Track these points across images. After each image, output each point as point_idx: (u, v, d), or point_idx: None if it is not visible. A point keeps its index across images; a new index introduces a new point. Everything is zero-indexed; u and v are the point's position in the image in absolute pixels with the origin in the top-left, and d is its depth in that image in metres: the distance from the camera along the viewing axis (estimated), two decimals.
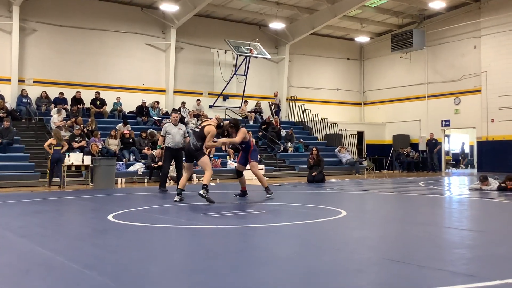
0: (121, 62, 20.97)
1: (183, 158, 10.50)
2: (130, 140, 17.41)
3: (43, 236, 5.91)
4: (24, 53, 18.89)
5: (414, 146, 24.91)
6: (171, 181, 14.93)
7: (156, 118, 20.05)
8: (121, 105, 20.08)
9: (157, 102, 20.71)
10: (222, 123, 9.65)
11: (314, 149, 16.07)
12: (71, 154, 14.57)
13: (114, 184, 13.94)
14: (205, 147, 9.34)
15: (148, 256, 4.66)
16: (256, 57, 22.29)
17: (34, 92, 18.79)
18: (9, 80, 18.40)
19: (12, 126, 16.19)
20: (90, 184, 14.27)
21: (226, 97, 23.20)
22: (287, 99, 25.16)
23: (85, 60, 20.15)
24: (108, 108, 19.80)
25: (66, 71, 19.71)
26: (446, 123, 24.10)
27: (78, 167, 14.47)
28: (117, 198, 10.92)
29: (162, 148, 12.05)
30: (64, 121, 17.26)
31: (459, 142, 31.08)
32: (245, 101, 23.23)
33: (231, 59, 23.24)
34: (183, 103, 21.43)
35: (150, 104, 20.52)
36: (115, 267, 4.21)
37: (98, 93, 19.66)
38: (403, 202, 9.91)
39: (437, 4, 22.02)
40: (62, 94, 18.90)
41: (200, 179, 16.45)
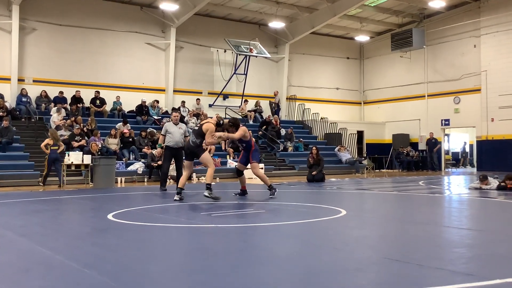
0: (120, 61, 20.97)
1: (183, 157, 10.51)
2: (130, 139, 17.41)
3: (43, 235, 5.91)
4: (23, 52, 18.88)
5: (414, 145, 24.91)
6: (171, 180, 14.92)
7: (155, 117, 20.04)
8: (121, 104, 20.08)
9: (156, 101, 20.71)
10: (222, 121, 9.71)
11: (314, 148, 16.08)
12: (71, 153, 14.59)
13: (114, 183, 13.93)
14: (205, 144, 9.37)
15: (148, 255, 4.66)
16: (256, 56, 22.29)
17: (33, 91, 18.79)
18: (8, 79, 18.40)
19: (11, 125, 16.20)
20: (90, 183, 14.28)
21: (226, 96, 23.19)
22: (287, 98, 25.15)
23: (84, 59, 20.15)
24: (108, 107, 19.80)
25: (65, 70, 19.71)
26: (446, 122, 24.10)
27: (78, 166, 14.49)
28: (117, 197, 10.92)
29: (163, 147, 12.05)
30: (64, 120, 17.27)
31: (460, 141, 31.04)
32: (245, 100, 23.23)
33: (231, 58, 23.23)
34: (183, 102, 21.42)
35: (150, 103, 20.51)
36: (115, 266, 4.20)
37: (98, 92, 19.66)
38: (403, 201, 9.91)
39: (437, 3, 22.01)
40: (61, 93, 18.89)
41: (199, 178, 16.47)
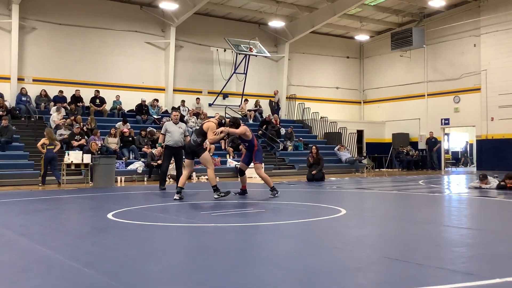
0: (120, 61, 20.96)
1: (183, 156, 10.52)
2: (130, 138, 17.41)
3: (43, 234, 5.91)
4: (23, 51, 18.88)
5: (414, 145, 24.92)
6: (171, 179, 14.93)
7: (155, 116, 20.04)
8: (120, 103, 20.08)
9: (156, 100, 20.68)
10: (223, 121, 9.75)
11: (314, 147, 16.08)
12: (71, 152, 14.58)
13: (113, 182, 13.93)
14: (208, 141, 9.41)
15: (147, 254, 4.66)
16: (255, 55, 22.28)
17: (33, 90, 18.78)
18: (8, 78, 18.39)
19: (11, 125, 16.20)
20: (90, 182, 14.27)
21: (225, 95, 23.19)
22: (287, 98, 25.15)
23: (84, 58, 20.14)
24: (107, 106, 19.80)
25: (65, 70, 19.71)
26: (446, 122, 24.10)
27: (77, 166, 14.48)
28: (116, 196, 10.92)
29: (162, 146, 12.05)
30: (63, 119, 17.26)
31: (462, 141, 31.00)
32: (245, 99, 23.23)
33: (231, 58, 23.22)
34: (183, 102, 21.42)
35: (150, 102, 20.51)
36: (115, 266, 4.20)
37: (97, 91, 19.65)
38: (403, 201, 9.91)
39: (437, 2, 22.01)
40: (61, 92, 18.89)
41: (199, 178, 16.47)
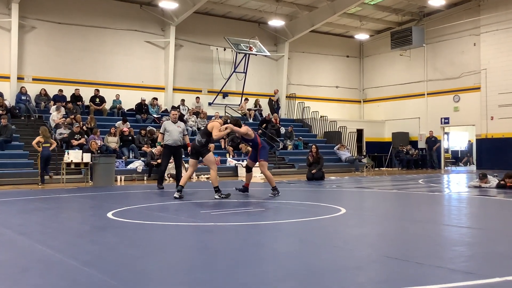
0: (120, 60, 20.95)
1: (182, 155, 10.54)
2: (130, 137, 17.40)
3: (43, 233, 5.91)
4: (23, 50, 18.87)
5: (414, 144, 24.91)
6: (171, 178, 14.93)
7: (155, 115, 20.03)
8: (120, 102, 20.07)
9: (155, 99, 20.66)
10: (228, 120, 9.80)
11: (314, 146, 16.09)
12: (71, 151, 14.57)
13: (113, 181, 13.92)
14: (213, 137, 9.44)
15: (147, 253, 4.66)
16: (255, 54, 22.26)
17: (33, 89, 18.78)
18: (8, 77, 18.38)
19: (10, 124, 16.19)
20: (90, 181, 14.27)
21: (225, 94, 23.18)
22: (287, 97, 25.15)
23: (84, 57, 20.13)
24: (107, 105, 19.79)
25: (65, 69, 19.70)
26: (446, 121, 24.10)
27: (77, 165, 14.46)
28: (116, 195, 10.91)
29: (162, 145, 12.05)
30: (63, 118, 17.25)
31: (464, 140, 30.95)
32: (245, 99, 23.23)
33: (231, 57, 23.21)
34: (183, 101, 21.41)
35: (150, 101, 20.51)
36: (115, 265, 4.21)
37: (97, 90, 19.64)
38: (403, 200, 9.91)
39: (436, 1, 22.01)
40: (61, 91, 18.88)
41: (199, 177, 16.46)
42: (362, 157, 23.64)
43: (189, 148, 12.82)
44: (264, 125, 21.80)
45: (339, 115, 26.14)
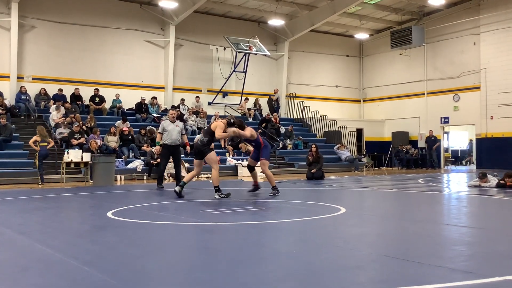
0: (120, 59, 20.94)
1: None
2: (129, 137, 17.40)
3: (42, 233, 5.91)
4: (23, 50, 18.86)
5: (413, 143, 24.91)
6: (171, 178, 14.93)
7: (155, 115, 20.02)
8: (120, 102, 20.06)
9: (154, 98, 20.64)
10: (232, 120, 9.77)
11: (314, 146, 16.09)
12: (70, 151, 14.57)
13: (113, 181, 13.92)
14: (216, 136, 9.45)
15: (147, 253, 4.66)
16: (255, 54, 22.25)
17: (33, 89, 18.77)
18: (8, 77, 18.38)
19: (10, 123, 16.18)
20: (89, 181, 14.26)
21: (225, 94, 23.18)
22: (287, 96, 25.14)
23: (84, 57, 20.13)
24: (107, 105, 19.79)
25: (65, 68, 19.70)
26: (445, 120, 24.09)
27: (77, 164, 14.45)
28: (116, 195, 10.91)
29: (160, 145, 12.05)
30: (63, 117, 17.25)
31: (464, 139, 30.93)
32: (246, 98, 23.23)
33: (230, 56, 23.21)
34: (182, 100, 21.41)
35: (149, 101, 20.50)
36: (114, 264, 4.21)
37: (97, 90, 19.64)
38: (402, 199, 9.91)
39: (436, 0, 21.99)
40: (61, 90, 18.87)
41: (199, 176, 16.44)
42: (362, 156, 23.64)
43: (187, 147, 12.89)
44: (264, 124, 21.80)
45: (339, 115, 26.14)
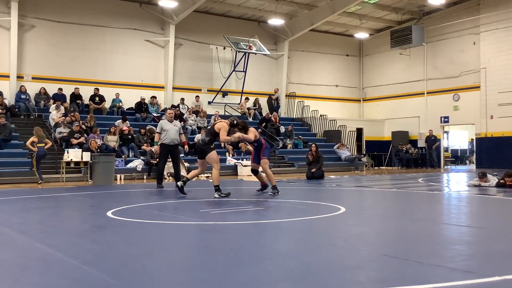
0: (119, 59, 20.94)
1: (180, 153, 10.54)
2: (129, 136, 17.40)
3: (42, 232, 5.90)
4: (22, 49, 18.85)
5: (413, 143, 24.91)
6: (170, 177, 14.92)
7: (155, 114, 20.02)
8: (120, 101, 20.06)
9: (154, 97, 20.62)
10: (235, 121, 9.75)
11: (313, 145, 16.09)
12: (70, 150, 14.56)
13: (113, 180, 13.92)
14: (220, 139, 9.45)
15: (147, 252, 4.66)
16: (255, 53, 22.25)
17: (32, 88, 18.77)
18: (7, 76, 18.37)
19: (9, 123, 16.18)
20: (89, 180, 14.26)
21: (225, 93, 23.17)
22: (286, 96, 25.14)
23: (83, 56, 20.12)
24: (107, 104, 19.78)
25: (64, 67, 19.69)
26: (445, 120, 24.09)
27: (77, 164, 14.45)
28: (116, 194, 10.91)
29: (159, 144, 12.06)
30: (63, 117, 17.24)
31: (464, 138, 30.90)
32: (246, 98, 23.22)
33: (230, 56, 23.20)
34: (182, 100, 21.40)
35: (149, 100, 20.49)
36: (114, 264, 4.21)
37: (97, 89, 19.64)
38: (402, 199, 9.91)
39: (436, 0, 21.98)
40: (61, 90, 18.86)
41: (199, 176, 16.43)
42: (362, 156, 23.64)
43: (186, 146, 12.93)
44: (263, 124, 21.80)
45: (339, 114, 26.14)
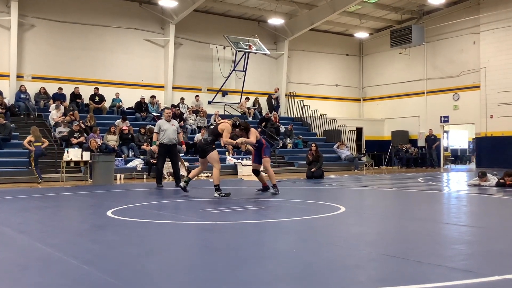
0: (119, 58, 20.93)
1: (178, 153, 10.55)
2: (129, 136, 17.40)
3: (42, 232, 5.91)
4: (22, 48, 18.85)
5: (413, 142, 24.91)
6: (170, 176, 14.93)
7: (155, 114, 20.01)
8: (120, 101, 20.06)
9: (153, 97, 20.62)
10: (238, 122, 9.74)
11: (313, 145, 16.09)
12: (70, 150, 14.56)
13: (113, 180, 13.91)
14: (223, 141, 9.44)
15: (146, 252, 4.66)
16: (255, 53, 22.24)
17: (32, 88, 18.76)
18: (7, 76, 18.37)
19: (9, 122, 16.17)
20: (89, 180, 14.26)
21: (225, 93, 23.17)
22: (286, 95, 25.14)
23: (83, 56, 20.12)
24: (107, 104, 19.78)
25: (64, 67, 19.69)
26: (445, 119, 24.09)
27: (77, 163, 14.45)
28: (116, 194, 10.91)
29: (157, 144, 12.06)
30: (63, 116, 17.24)
31: (464, 138, 30.88)
32: (246, 97, 23.21)
33: (230, 55, 23.20)
34: (182, 99, 21.40)
35: (149, 100, 20.49)
36: (114, 263, 4.21)
37: (97, 89, 19.64)
38: (402, 198, 9.91)
39: (436, 0, 21.99)
40: (60, 89, 18.86)
41: (199, 175, 16.44)
42: (362, 155, 23.63)
43: (183, 145, 12.95)
44: (263, 123, 21.80)
45: (339, 114, 26.13)
